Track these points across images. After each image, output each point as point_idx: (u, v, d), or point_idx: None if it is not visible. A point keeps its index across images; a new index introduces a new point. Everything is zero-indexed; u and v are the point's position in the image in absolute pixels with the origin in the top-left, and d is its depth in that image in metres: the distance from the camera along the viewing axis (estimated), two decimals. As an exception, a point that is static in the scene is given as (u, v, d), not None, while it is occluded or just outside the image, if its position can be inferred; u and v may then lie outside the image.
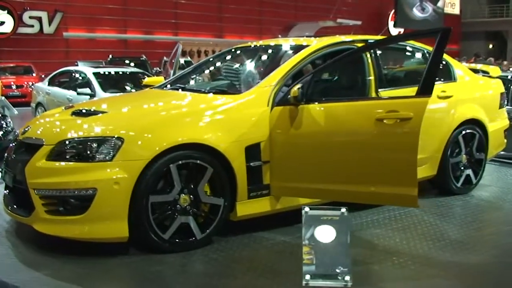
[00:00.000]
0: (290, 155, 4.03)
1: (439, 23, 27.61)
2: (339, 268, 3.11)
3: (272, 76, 4.30)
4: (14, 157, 4.08)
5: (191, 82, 5.36)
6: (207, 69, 5.76)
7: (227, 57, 5.62)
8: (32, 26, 21.68)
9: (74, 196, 3.58)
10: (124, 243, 3.70)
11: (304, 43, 4.78)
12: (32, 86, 13.54)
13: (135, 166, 3.58)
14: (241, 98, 4.21)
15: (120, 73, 10.38)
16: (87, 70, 9.92)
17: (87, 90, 8.86)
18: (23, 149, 4.02)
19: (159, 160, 3.64)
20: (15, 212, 3.93)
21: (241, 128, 4.00)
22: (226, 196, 3.92)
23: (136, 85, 9.53)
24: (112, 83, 9.60)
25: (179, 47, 6.91)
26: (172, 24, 25.47)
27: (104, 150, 3.61)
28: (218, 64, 5.68)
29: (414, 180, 3.66)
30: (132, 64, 17.28)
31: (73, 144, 3.71)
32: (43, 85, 10.93)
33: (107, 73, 10.02)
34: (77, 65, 15.04)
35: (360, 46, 4.74)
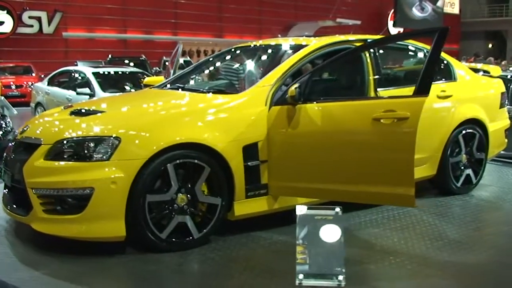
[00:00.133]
0: (287, 154, 4.02)
1: (438, 23, 27.63)
2: (332, 268, 3.10)
3: (270, 75, 4.30)
4: (12, 156, 4.08)
5: (190, 82, 5.36)
6: (206, 69, 5.75)
7: (226, 57, 5.61)
8: (31, 26, 21.69)
9: (71, 196, 3.58)
10: (121, 242, 3.69)
11: (303, 42, 4.77)
12: (32, 86, 13.54)
13: (132, 165, 3.58)
14: (239, 97, 4.21)
15: (120, 73, 10.38)
16: (86, 70, 9.92)
17: (87, 90, 8.86)
18: (22, 148, 4.02)
19: (156, 159, 3.64)
20: (13, 211, 3.94)
21: (238, 128, 3.99)
22: (224, 195, 3.92)
23: (135, 85, 9.54)
24: (111, 83, 9.60)
25: (179, 47, 6.90)
26: (171, 24, 25.47)
27: (101, 150, 3.62)
28: (217, 64, 5.68)
29: (411, 179, 3.65)
30: (131, 64, 17.28)
31: (70, 143, 3.71)
32: (43, 85, 10.93)
33: (106, 73, 10.02)
34: (76, 65, 15.05)
35: (358, 45, 4.73)
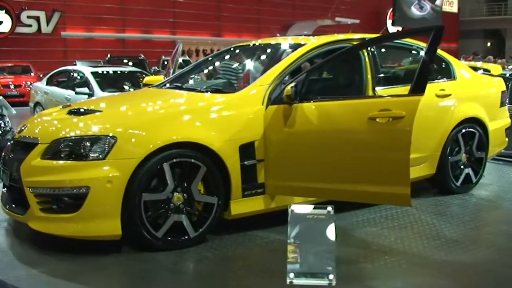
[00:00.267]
0: (284, 154, 4.03)
1: (437, 22, 27.64)
2: (323, 267, 3.10)
3: (267, 75, 4.30)
4: (10, 155, 4.10)
5: (188, 81, 5.35)
6: (205, 68, 5.75)
7: (225, 56, 5.61)
8: (30, 26, 21.67)
9: (67, 194, 3.60)
10: (118, 241, 3.70)
11: (302, 42, 4.76)
12: (30, 86, 13.53)
13: (128, 164, 3.58)
14: (235, 97, 4.21)
15: (118, 72, 10.36)
16: (85, 69, 9.91)
17: (85, 90, 8.86)
18: (19, 148, 4.03)
19: (152, 158, 3.64)
20: (12, 210, 3.95)
21: (235, 127, 4.00)
22: (220, 194, 3.92)
23: (134, 84, 9.54)
24: (110, 83, 9.59)
25: (179, 46, 6.90)
26: (170, 23, 25.45)
27: (97, 149, 3.63)
28: (215, 63, 5.67)
29: (407, 179, 3.65)
30: (130, 63, 17.26)
31: (67, 142, 3.72)
32: (41, 84, 10.92)
33: (105, 72, 10.01)
34: (75, 64, 15.04)
35: (354, 44, 4.72)
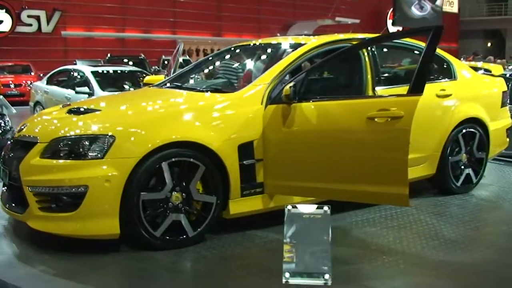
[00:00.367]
0: (283, 153, 4.03)
1: (437, 22, 27.64)
2: (319, 267, 3.11)
3: (266, 74, 4.30)
4: (10, 154, 4.11)
5: (188, 81, 5.35)
6: (205, 68, 5.76)
7: (225, 56, 5.61)
8: (30, 25, 21.67)
9: (66, 193, 3.61)
10: (117, 240, 3.71)
11: (302, 41, 4.76)
12: (31, 85, 13.52)
13: (126, 163, 3.59)
14: (235, 96, 4.22)
15: (119, 72, 10.36)
16: (85, 69, 9.91)
17: (86, 89, 8.86)
18: (19, 147, 4.05)
19: (151, 158, 3.65)
20: (11, 209, 3.96)
21: (234, 127, 4.00)
22: (219, 194, 3.93)
23: (134, 83, 9.54)
24: (110, 82, 9.59)
25: (180, 46, 6.90)
26: (170, 23, 25.44)
27: (96, 148, 3.64)
28: (215, 62, 5.67)
29: (405, 179, 3.64)
30: (130, 63, 17.25)
31: (66, 142, 3.73)
32: (42, 84, 10.92)
33: (105, 72, 10.01)
34: (75, 64, 15.03)
35: (353, 44, 4.71)
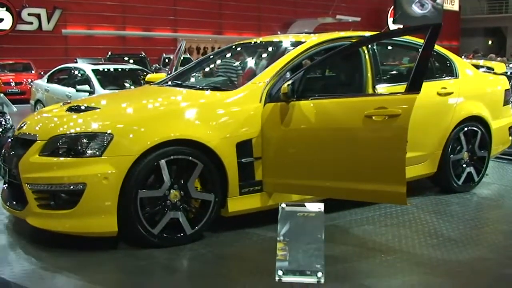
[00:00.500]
0: (281, 151, 4.04)
1: (438, 20, 27.61)
2: (312, 265, 3.11)
3: (265, 72, 4.31)
4: (10, 152, 4.12)
5: (189, 79, 5.36)
6: (206, 66, 5.75)
7: (226, 54, 5.61)
8: (31, 23, 21.64)
9: (64, 191, 3.63)
10: (115, 237, 3.72)
11: (303, 39, 4.76)
12: (31, 83, 13.52)
13: (124, 161, 3.61)
14: (233, 94, 4.22)
15: (119, 70, 10.38)
16: (86, 67, 9.90)
17: (86, 87, 8.86)
18: (19, 144, 4.06)
19: (149, 155, 3.66)
20: (11, 207, 3.98)
21: (232, 125, 4.01)
22: (217, 192, 3.94)
23: (135, 81, 9.54)
24: (111, 80, 9.60)
25: (182, 44, 6.91)
26: (171, 21, 25.42)
27: (94, 146, 3.65)
28: (215, 61, 5.67)
29: (402, 177, 3.64)
30: (131, 61, 17.25)
31: (65, 139, 3.75)
32: (42, 82, 10.92)
33: (106, 70, 10.02)
34: (76, 62, 15.02)
35: (352, 42, 4.70)
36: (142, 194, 3.67)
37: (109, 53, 19.41)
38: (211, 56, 5.80)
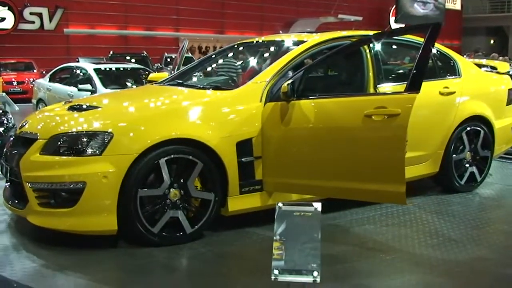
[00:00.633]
0: (281, 151, 4.04)
1: (440, 19, 27.57)
2: (308, 264, 3.10)
3: (266, 72, 4.31)
4: (11, 151, 4.13)
5: (191, 78, 5.36)
6: (208, 65, 5.75)
7: (228, 53, 5.61)
8: (32, 23, 21.64)
9: (64, 189, 3.65)
10: (115, 236, 3.73)
11: (305, 39, 4.75)
12: (33, 82, 13.53)
13: (124, 160, 3.62)
14: (234, 93, 4.23)
15: (121, 69, 10.39)
16: (88, 66, 9.91)
17: (88, 86, 8.85)
18: (20, 143, 4.08)
19: (149, 154, 3.67)
20: (13, 205, 4.00)
21: (233, 124, 4.02)
22: (217, 191, 3.94)
23: (137, 81, 9.55)
24: (113, 79, 9.60)
25: (185, 43, 6.92)
26: (173, 20, 25.42)
27: (94, 145, 3.66)
28: (217, 60, 5.68)
29: (402, 177, 3.64)
30: (133, 60, 17.25)
31: (65, 138, 3.76)
32: (44, 81, 10.92)
33: (108, 69, 10.02)
34: (78, 61, 15.03)
35: (351, 41, 4.68)
36: (142, 193, 3.68)
37: (111, 52, 19.40)
38: (213, 56, 5.80)
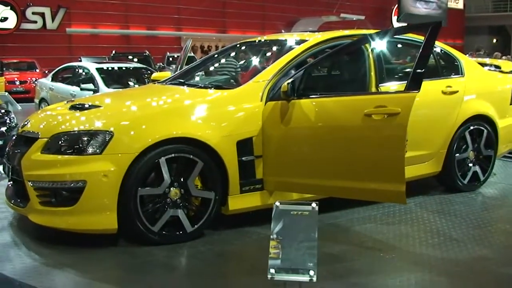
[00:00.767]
0: (282, 150, 4.03)
1: (442, 18, 27.54)
2: (305, 263, 3.10)
3: (267, 71, 4.30)
4: (13, 150, 4.14)
5: (193, 77, 5.35)
6: (210, 64, 5.75)
7: (230, 52, 5.61)
8: (35, 22, 21.70)
9: (65, 188, 3.65)
10: (115, 235, 3.73)
11: (307, 38, 4.74)
12: (36, 82, 13.56)
13: (124, 159, 3.62)
14: (234, 93, 4.22)
15: (123, 68, 10.39)
16: (90, 65, 9.92)
17: (91, 86, 8.86)
18: (22, 142, 4.08)
19: (149, 153, 3.67)
20: (15, 204, 4.01)
21: (233, 123, 4.01)
22: (217, 190, 3.93)
23: (139, 80, 9.56)
24: (115, 79, 9.62)
25: (189, 42, 6.93)
26: (175, 20, 25.44)
27: (95, 144, 3.67)
28: (219, 59, 5.67)
29: (401, 176, 3.62)
30: (135, 59, 17.28)
31: (66, 137, 3.76)
32: (47, 80, 10.95)
33: (110, 68, 10.04)
34: (80, 60, 15.05)
35: (351, 41, 4.67)
36: (142, 191, 3.69)
37: (113, 51, 19.46)
38: (215, 55, 5.79)
